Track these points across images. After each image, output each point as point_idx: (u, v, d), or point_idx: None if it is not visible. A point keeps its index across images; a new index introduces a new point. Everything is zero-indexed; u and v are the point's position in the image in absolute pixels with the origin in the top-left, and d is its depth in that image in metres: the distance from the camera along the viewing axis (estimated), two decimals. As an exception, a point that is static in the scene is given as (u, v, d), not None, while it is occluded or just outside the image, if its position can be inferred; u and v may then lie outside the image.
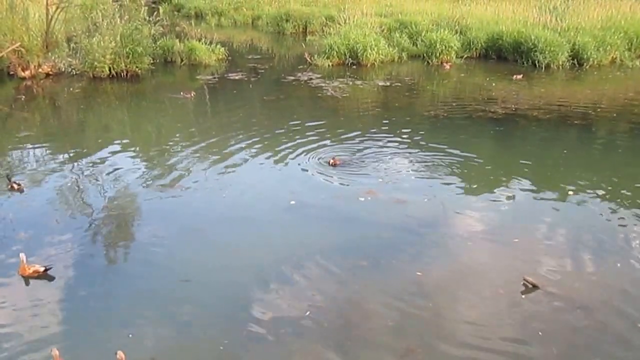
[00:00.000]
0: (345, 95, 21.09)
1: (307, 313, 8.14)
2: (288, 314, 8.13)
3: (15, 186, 12.22)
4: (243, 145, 15.21)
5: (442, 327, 7.89)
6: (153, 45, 25.15)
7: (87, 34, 23.29)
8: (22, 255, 9.00)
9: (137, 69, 23.16)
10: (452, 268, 9.37)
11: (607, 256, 9.73)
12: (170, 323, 7.93)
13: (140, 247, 10.04)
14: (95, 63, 22.30)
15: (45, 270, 9.02)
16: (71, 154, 14.56)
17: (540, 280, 8.81)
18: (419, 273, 9.08)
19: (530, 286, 8.73)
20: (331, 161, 13.56)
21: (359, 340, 7.68)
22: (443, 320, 8.06)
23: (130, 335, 7.62)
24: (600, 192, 12.22)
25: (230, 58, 27.48)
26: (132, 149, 15.17)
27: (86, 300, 8.45)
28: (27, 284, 8.86)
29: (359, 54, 25.78)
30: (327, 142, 15.48)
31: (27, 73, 22.82)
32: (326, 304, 8.40)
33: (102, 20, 23.04)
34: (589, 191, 12.28)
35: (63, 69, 23.08)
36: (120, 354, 7.15)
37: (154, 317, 8.05)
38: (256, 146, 15.14)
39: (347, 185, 12.49)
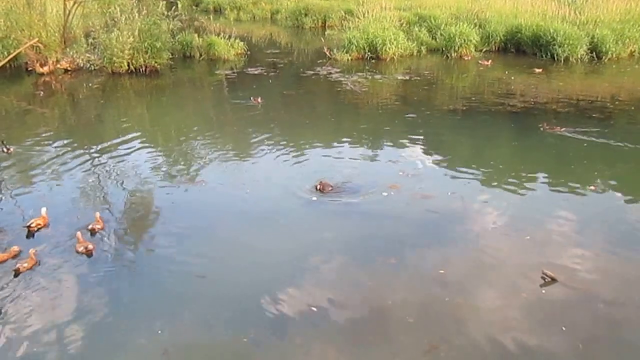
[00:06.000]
0: (364, 89, 21.06)
1: (328, 309, 8.10)
2: (308, 310, 8.08)
3: (5, 150, 13.64)
4: (264, 140, 15.21)
5: (465, 324, 7.83)
6: (172, 40, 25.31)
7: (105, 29, 23.46)
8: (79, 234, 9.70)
9: (156, 64, 23.27)
10: (474, 264, 9.28)
11: (628, 250, 9.62)
12: (188, 318, 7.92)
13: (159, 242, 10.00)
14: (114, 58, 22.44)
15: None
16: (91, 150, 14.59)
17: (560, 274, 8.71)
18: (441, 271, 9.01)
19: (548, 279, 8.67)
20: (318, 186, 11.84)
21: (381, 337, 7.62)
22: (465, 316, 7.99)
23: (160, 332, 7.61)
24: (621, 186, 12.12)
25: (249, 53, 27.60)
26: (152, 144, 15.19)
27: (103, 295, 8.45)
28: (42, 278, 8.80)
29: (378, 48, 25.79)
30: (348, 136, 15.49)
31: (45, 69, 22.96)
32: (347, 300, 8.35)
33: (121, 15, 23.11)
34: (609, 184, 12.19)
35: (81, 65, 23.22)
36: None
37: (172, 312, 8.04)
38: (277, 141, 15.13)
39: (370, 179, 12.43)
